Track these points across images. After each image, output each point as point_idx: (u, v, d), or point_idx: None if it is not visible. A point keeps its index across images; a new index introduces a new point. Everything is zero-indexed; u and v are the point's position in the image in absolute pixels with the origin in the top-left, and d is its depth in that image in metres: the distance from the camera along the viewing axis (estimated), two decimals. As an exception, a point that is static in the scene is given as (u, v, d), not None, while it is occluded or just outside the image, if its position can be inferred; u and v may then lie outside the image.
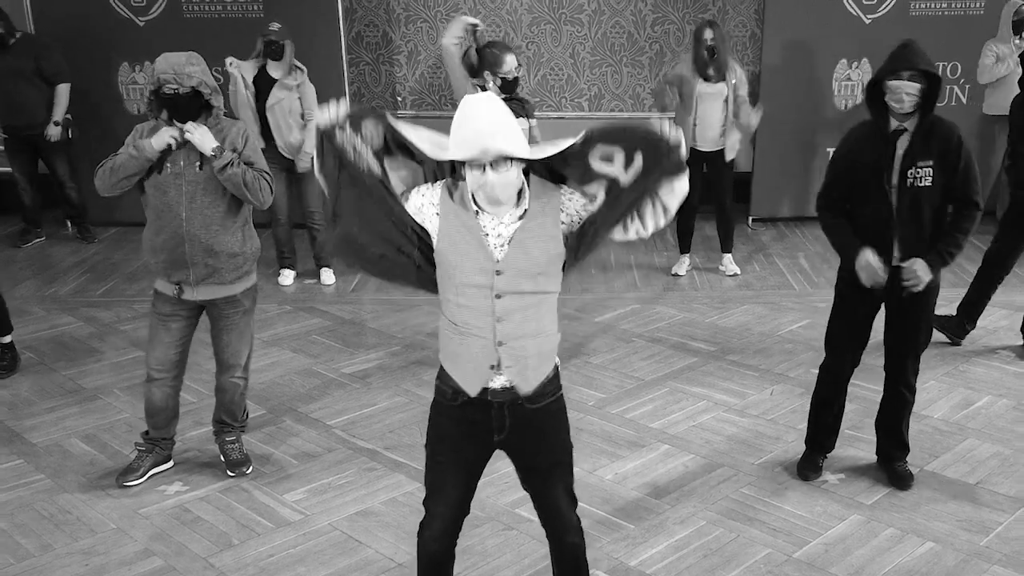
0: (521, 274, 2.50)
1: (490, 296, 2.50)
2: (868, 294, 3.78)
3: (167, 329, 3.92)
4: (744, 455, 4.29)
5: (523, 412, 2.61)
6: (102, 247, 7.46)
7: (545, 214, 2.52)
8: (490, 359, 2.54)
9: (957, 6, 7.67)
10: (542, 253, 2.51)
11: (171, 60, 3.67)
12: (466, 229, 2.50)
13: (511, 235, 2.49)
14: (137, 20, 7.61)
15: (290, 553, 3.57)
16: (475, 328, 2.53)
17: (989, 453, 4.26)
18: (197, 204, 3.74)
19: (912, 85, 3.52)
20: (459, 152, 2.42)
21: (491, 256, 2.49)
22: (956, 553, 3.54)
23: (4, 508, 3.89)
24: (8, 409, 4.78)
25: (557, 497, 2.72)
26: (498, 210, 2.49)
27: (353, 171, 2.53)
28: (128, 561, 3.54)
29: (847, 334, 3.91)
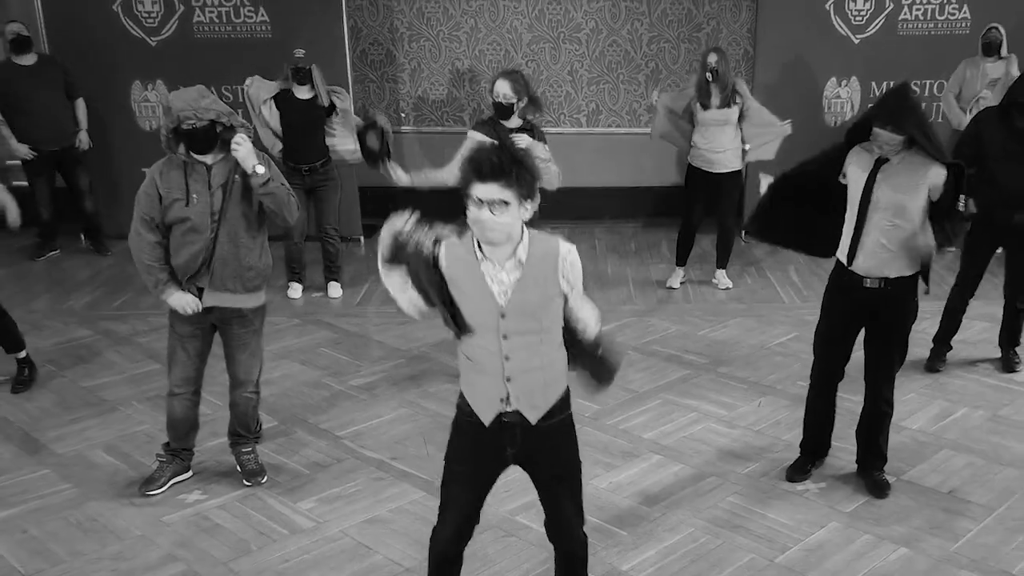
0: (524, 317, 2.75)
1: (497, 337, 2.76)
2: (848, 308, 4.05)
3: (184, 349, 4.17)
4: (732, 465, 4.53)
5: (535, 429, 2.86)
6: (115, 260, 7.70)
7: (544, 264, 2.76)
8: (500, 393, 2.80)
9: (943, 26, 7.92)
10: (542, 298, 2.76)
11: (186, 97, 3.91)
12: (472, 278, 2.74)
13: (513, 282, 2.74)
14: (149, 40, 7.86)
15: (304, 559, 3.82)
16: (487, 365, 2.79)
17: (963, 463, 4.51)
18: (225, 226, 3.97)
19: (895, 137, 3.78)
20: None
21: (496, 302, 2.74)
22: (927, 558, 3.78)
23: (34, 516, 4.13)
24: (32, 421, 5.03)
25: (565, 509, 2.98)
26: (495, 252, 2.73)
27: (414, 262, 2.79)
28: (153, 566, 3.78)
29: (828, 338, 4.18)
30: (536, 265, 2.76)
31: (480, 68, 8.48)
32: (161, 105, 3.86)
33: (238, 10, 7.73)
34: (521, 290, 2.74)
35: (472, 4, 8.34)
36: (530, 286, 2.75)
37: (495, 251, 2.73)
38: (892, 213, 3.89)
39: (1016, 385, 5.37)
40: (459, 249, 2.78)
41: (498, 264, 2.74)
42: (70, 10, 7.75)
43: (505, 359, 2.77)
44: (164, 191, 4.00)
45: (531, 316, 2.76)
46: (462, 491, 2.96)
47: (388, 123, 5.55)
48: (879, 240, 3.94)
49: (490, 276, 2.74)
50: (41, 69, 7.44)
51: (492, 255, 2.74)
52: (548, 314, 2.80)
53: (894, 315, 3.99)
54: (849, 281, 4.04)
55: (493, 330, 2.76)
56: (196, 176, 3.99)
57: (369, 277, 7.29)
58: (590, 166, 8.58)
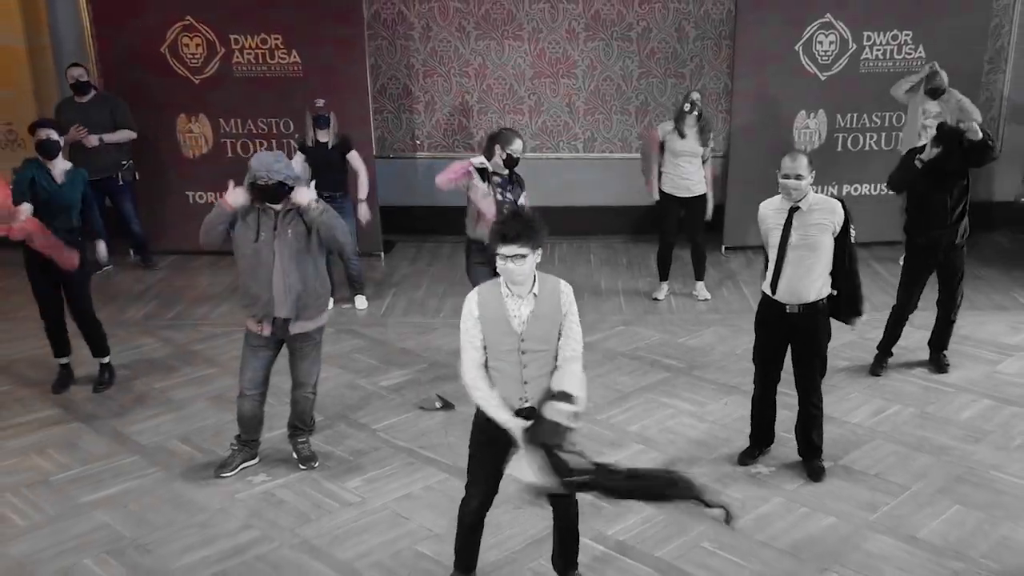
0: (536, 340, 3.74)
1: (517, 353, 3.74)
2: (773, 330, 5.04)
3: (256, 356, 5.14)
4: (700, 452, 5.50)
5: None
6: (163, 274, 8.67)
7: (551, 299, 3.75)
8: (519, 393, 3.77)
9: (900, 64, 8.87)
10: (551, 324, 3.75)
11: (263, 160, 4.84)
12: (497, 315, 3.73)
13: (527, 315, 3.72)
14: (193, 78, 8.82)
15: (353, 526, 4.78)
16: (509, 374, 3.77)
17: (889, 451, 5.47)
18: (289, 262, 4.92)
19: (796, 182, 4.79)
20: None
21: (515, 331, 3.73)
22: (850, 525, 4.75)
23: (132, 494, 5.10)
24: (117, 417, 5.99)
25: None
26: (518, 290, 3.70)
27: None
28: (233, 532, 4.75)
29: (762, 356, 5.18)
30: (546, 299, 3.75)
31: (488, 101, 9.45)
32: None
33: (272, 52, 8.69)
34: (533, 320, 3.73)
35: (480, 44, 9.30)
36: (540, 317, 3.74)
37: (518, 288, 3.72)
38: (806, 249, 4.89)
39: (944, 387, 6.33)
40: (488, 295, 3.77)
41: (519, 298, 3.72)
42: (123, 52, 8.69)
43: (523, 368, 3.75)
44: (239, 223, 4.92)
45: (542, 340, 3.74)
46: (485, 471, 3.94)
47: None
48: (796, 272, 4.92)
49: (509, 310, 3.72)
50: (91, 108, 8.37)
51: (516, 291, 3.72)
52: (555, 336, 3.78)
53: (812, 334, 4.97)
54: (775, 309, 5.02)
55: (515, 350, 3.74)
56: (265, 219, 4.94)
57: (390, 291, 8.27)
58: (586, 187, 9.55)
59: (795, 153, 5.04)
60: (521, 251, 3.61)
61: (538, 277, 3.78)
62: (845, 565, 4.44)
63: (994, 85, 9.50)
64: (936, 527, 4.73)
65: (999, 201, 9.77)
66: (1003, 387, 6.31)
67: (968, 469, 5.27)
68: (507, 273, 3.68)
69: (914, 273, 6.45)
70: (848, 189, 9.10)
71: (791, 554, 4.53)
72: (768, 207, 5.08)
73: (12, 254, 6.47)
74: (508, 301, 3.76)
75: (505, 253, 3.63)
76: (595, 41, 9.32)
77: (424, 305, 7.95)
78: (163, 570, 4.46)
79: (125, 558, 4.55)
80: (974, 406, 6.04)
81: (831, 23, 8.76)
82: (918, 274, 6.45)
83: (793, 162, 4.92)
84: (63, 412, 6.09)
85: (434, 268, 8.84)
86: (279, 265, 4.94)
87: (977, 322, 7.36)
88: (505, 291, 3.76)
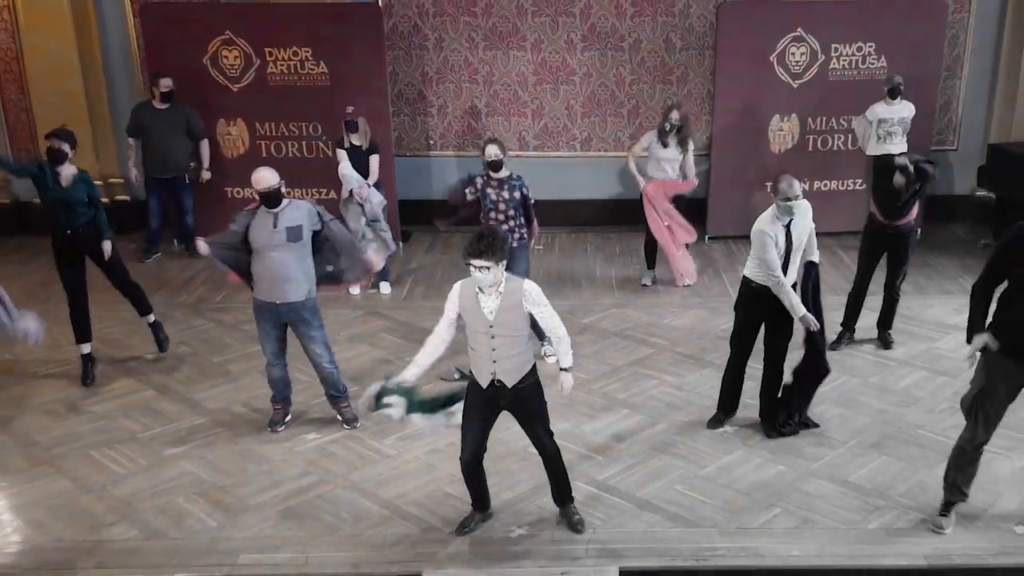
0: (503, 327, 4.80)
1: (488, 337, 4.82)
2: (753, 315, 6.10)
3: (267, 333, 6.18)
4: (676, 415, 6.58)
5: (514, 390, 4.93)
6: (206, 262, 9.65)
7: (514, 296, 4.81)
8: (490, 369, 4.87)
9: (865, 72, 9.88)
10: (515, 317, 4.82)
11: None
12: (472, 306, 4.81)
13: (495, 307, 4.79)
14: (232, 87, 9.84)
15: (393, 472, 5.88)
16: (482, 353, 4.86)
17: (835, 413, 6.55)
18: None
19: (789, 204, 5.81)
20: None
21: (487, 320, 4.80)
22: (795, 472, 5.84)
23: (206, 448, 6.19)
24: (184, 386, 7.08)
25: (539, 434, 5.08)
26: (488, 290, 4.77)
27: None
28: (295, 477, 5.84)
29: (741, 338, 6.24)
30: (510, 296, 4.81)
31: (494, 105, 10.47)
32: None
33: (303, 63, 9.70)
34: (500, 312, 4.80)
35: (488, 54, 10.32)
36: (506, 310, 4.80)
37: (487, 289, 4.78)
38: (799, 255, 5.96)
39: (888, 360, 7.41)
40: (467, 288, 4.85)
41: (489, 296, 4.79)
42: (169, 63, 9.69)
43: (492, 349, 4.84)
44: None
45: (507, 327, 4.81)
46: (474, 427, 5.04)
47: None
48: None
49: (481, 303, 4.79)
50: (169, 114, 9.41)
51: (486, 291, 4.79)
52: (518, 325, 4.85)
53: (785, 319, 6.02)
54: (757, 296, 6.06)
55: (486, 334, 4.82)
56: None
57: (410, 276, 9.34)
58: (583, 183, 10.60)
59: (790, 178, 5.95)
60: (486, 264, 4.67)
61: (506, 278, 4.84)
62: (788, 502, 5.53)
63: (951, 90, 10.52)
64: (865, 473, 5.82)
65: (957, 195, 10.80)
66: (939, 360, 7.38)
67: (898, 428, 6.36)
68: (476, 279, 4.75)
69: (868, 258, 7.52)
70: (819, 185, 10.12)
71: (746, 494, 5.63)
72: (769, 224, 5.97)
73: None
74: (480, 296, 4.81)
75: (474, 264, 4.69)
76: (591, 51, 10.33)
77: (440, 290, 8.95)
78: (242, 506, 5.55)
79: (209, 497, 5.65)
80: (911, 376, 7.13)
81: (802, 36, 9.77)
82: (871, 260, 7.51)
83: (792, 186, 5.87)
84: (136, 382, 7.17)
85: (448, 256, 9.90)
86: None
87: (925, 305, 8.43)
88: (478, 289, 4.80)
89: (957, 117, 10.64)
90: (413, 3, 10.18)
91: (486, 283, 4.74)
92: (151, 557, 5.12)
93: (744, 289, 6.21)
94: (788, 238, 5.93)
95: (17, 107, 10.58)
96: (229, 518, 5.44)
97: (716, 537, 5.23)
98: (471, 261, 4.68)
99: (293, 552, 5.13)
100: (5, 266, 9.66)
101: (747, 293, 6.18)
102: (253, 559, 5.08)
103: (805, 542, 5.19)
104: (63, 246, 7.05)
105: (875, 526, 5.32)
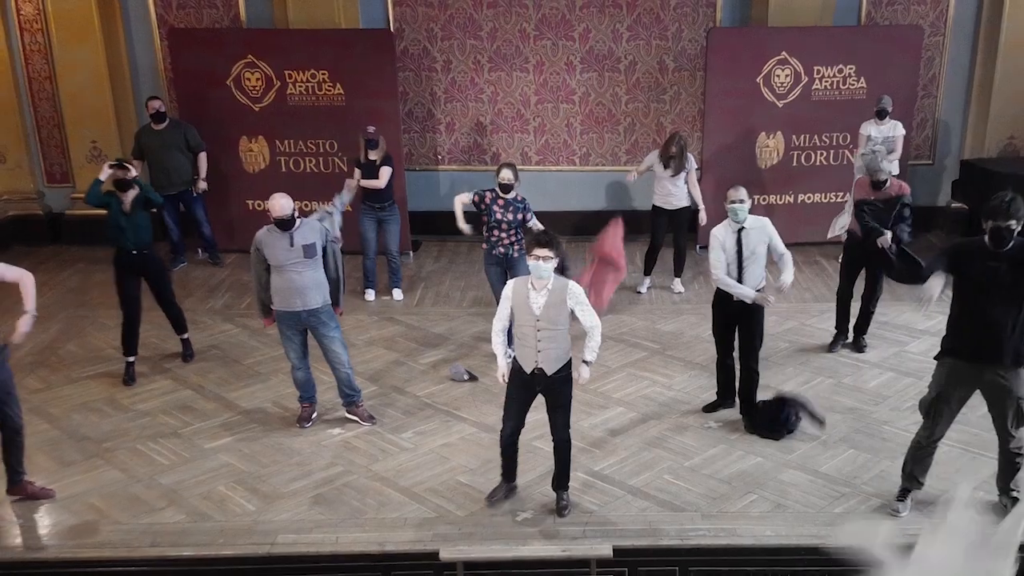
0: (548, 320, 5.50)
1: (534, 329, 5.51)
2: (725, 313, 6.79)
3: (290, 339, 6.84)
4: (666, 412, 7.25)
5: (551, 378, 5.63)
6: (230, 270, 10.41)
7: (559, 294, 5.51)
8: (534, 357, 5.56)
9: (845, 93, 10.55)
10: (558, 312, 5.52)
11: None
12: (523, 300, 5.51)
13: (543, 303, 5.48)
14: (254, 106, 10.52)
15: (411, 464, 6.55)
16: (529, 342, 5.55)
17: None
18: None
19: (733, 206, 6.53)
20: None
21: (534, 313, 5.49)
22: (772, 463, 6.52)
23: (242, 442, 6.86)
24: (218, 387, 7.76)
25: (558, 422, 5.78)
26: (540, 283, 5.47)
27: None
28: (324, 467, 6.52)
29: (719, 335, 6.94)
30: (556, 293, 5.51)
31: (499, 123, 11.15)
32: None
33: (320, 84, 10.38)
34: (547, 308, 5.49)
35: (492, 75, 11.00)
36: (551, 306, 5.50)
37: (540, 282, 5.47)
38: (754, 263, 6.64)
39: (860, 363, 8.08)
40: (519, 286, 5.54)
41: (538, 292, 5.48)
42: (196, 87, 10.38)
43: (537, 340, 5.54)
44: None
45: (552, 321, 5.51)
46: (514, 407, 5.77)
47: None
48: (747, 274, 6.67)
49: (531, 299, 5.49)
50: (168, 133, 10.07)
51: (538, 285, 5.48)
52: (562, 319, 5.54)
53: (752, 318, 6.72)
54: (723, 296, 6.76)
55: (532, 327, 5.51)
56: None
57: (420, 283, 10.02)
58: (582, 195, 11.28)
59: (738, 186, 6.75)
60: (549, 254, 5.40)
61: (553, 278, 5.53)
62: (764, 489, 6.21)
63: (928, 108, 11.20)
64: (834, 464, 6.50)
65: (934, 206, 11.47)
66: (907, 363, 8.05)
67: (866, 424, 7.04)
68: (536, 268, 5.45)
69: (850, 269, 8.20)
70: (803, 197, 10.80)
71: (726, 482, 6.30)
72: (723, 230, 6.72)
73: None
74: (531, 293, 5.51)
75: (539, 254, 5.41)
76: (589, 72, 11.01)
77: (449, 297, 9.71)
78: (277, 493, 6.23)
79: (247, 485, 6.33)
80: (881, 378, 7.80)
81: (787, 59, 10.44)
82: (853, 271, 8.19)
83: (736, 191, 6.63)
84: (174, 383, 7.86)
85: (455, 265, 10.57)
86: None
87: (898, 311, 9.09)
88: (530, 285, 5.51)
89: (934, 133, 11.31)
90: (423, 28, 10.86)
91: (544, 274, 5.44)
92: (199, 537, 5.80)
93: (716, 290, 6.93)
94: (739, 244, 6.62)
95: (50, 124, 11.30)
96: (266, 503, 6.13)
97: (699, 520, 5.91)
98: (536, 251, 5.41)
99: (324, 533, 5.81)
100: (39, 275, 10.25)
101: (717, 293, 6.93)
102: (290, 539, 5.76)
103: (777, 524, 5.87)
104: (126, 265, 7.72)
105: (840, 510, 5.99)
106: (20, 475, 6.15)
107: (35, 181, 11.49)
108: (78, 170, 11.22)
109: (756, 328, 6.83)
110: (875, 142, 9.91)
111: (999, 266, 5.33)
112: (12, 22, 10.91)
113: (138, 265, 7.72)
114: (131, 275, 7.75)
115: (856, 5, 10.78)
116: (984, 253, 5.37)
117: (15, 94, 11.08)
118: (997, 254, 5.34)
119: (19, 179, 11.41)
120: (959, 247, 5.60)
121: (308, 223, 6.78)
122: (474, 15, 10.81)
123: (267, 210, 6.65)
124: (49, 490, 6.23)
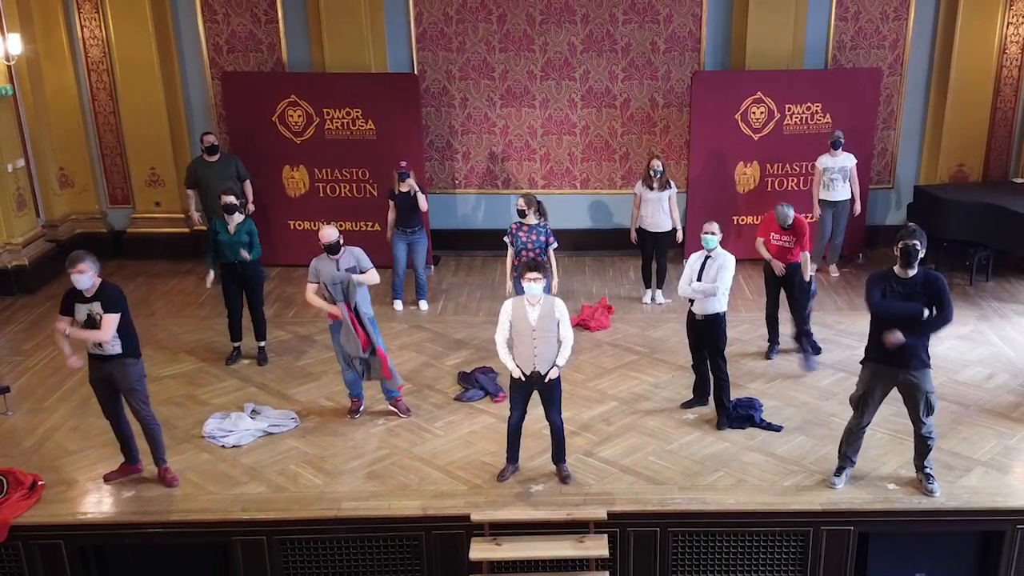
0: (542, 329, 7.00)
1: (531, 338, 7.02)
2: (690, 326, 8.30)
3: (337, 343, 8.35)
4: (653, 406, 8.74)
5: (543, 376, 7.11)
6: (275, 283, 11.90)
7: (550, 308, 7.02)
8: (531, 360, 7.07)
9: (813, 127, 12.04)
10: (549, 323, 7.02)
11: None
12: (522, 315, 7.01)
13: (537, 316, 6.99)
14: (295, 139, 12.02)
15: (444, 448, 8.04)
16: (526, 348, 7.05)
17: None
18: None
19: (705, 236, 8.04)
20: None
21: (531, 324, 7.00)
22: (737, 447, 8.01)
23: (304, 431, 8.35)
24: (278, 384, 9.26)
25: (553, 413, 7.30)
26: (533, 301, 6.97)
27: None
28: (373, 450, 8.02)
29: (690, 344, 8.45)
30: (546, 307, 7.02)
31: (509, 152, 12.66)
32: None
33: (355, 120, 11.88)
34: (541, 319, 7.01)
35: (504, 111, 12.50)
36: (544, 318, 7.01)
37: (534, 300, 6.98)
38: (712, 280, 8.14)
39: (818, 365, 9.59)
40: (516, 304, 7.04)
41: (533, 307, 6.98)
42: (245, 123, 11.89)
43: (534, 347, 7.03)
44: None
45: (546, 329, 7.02)
46: (518, 400, 7.26)
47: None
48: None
49: (528, 313, 6.99)
50: (219, 165, 11.46)
51: (532, 302, 6.99)
52: (554, 328, 7.05)
53: (713, 333, 8.22)
54: (691, 316, 8.26)
55: (529, 336, 7.02)
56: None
57: (442, 295, 11.52)
58: (582, 215, 12.79)
59: (712, 221, 8.23)
60: (539, 276, 6.91)
61: (543, 296, 7.04)
62: (729, 468, 7.71)
63: (887, 139, 12.70)
64: (787, 448, 8.00)
65: (892, 225, 12.91)
66: (856, 365, 9.39)
67: (816, 416, 8.53)
68: (529, 289, 6.96)
69: (769, 293, 9.67)
70: (776, 218, 12.28)
71: (699, 462, 7.80)
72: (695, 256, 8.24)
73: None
74: (528, 308, 7.02)
75: (531, 277, 6.92)
76: (589, 108, 12.51)
77: (467, 307, 11.21)
78: (338, 471, 7.74)
79: (313, 464, 7.84)
80: (832, 377, 9.29)
81: (762, 98, 11.93)
82: (773, 293, 9.62)
83: (708, 224, 8.13)
84: (241, 382, 9.36)
85: (471, 278, 12.07)
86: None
87: (854, 319, 10.54)
88: (526, 303, 7.01)
89: (892, 161, 12.80)
90: (442, 69, 12.36)
91: (535, 292, 6.92)
92: (279, 503, 7.31)
93: (687, 309, 8.43)
94: (703, 268, 8.11)
95: (113, 152, 12.80)
96: (330, 479, 7.63)
97: (676, 491, 7.41)
98: (529, 275, 6.91)
99: (379, 501, 7.31)
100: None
101: (687, 312, 8.40)
102: (352, 505, 7.26)
103: (739, 494, 7.36)
104: (229, 275, 9.33)
105: (789, 484, 7.50)
106: (161, 461, 7.60)
107: (100, 202, 13.01)
108: (138, 193, 12.75)
109: (717, 337, 8.27)
110: (831, 172, 11.41)
111: (904, 291, 6.82)
112: (81, 63, 12.40)
113: (235, 275, 9.37)
114: (231, 283, 9.43)
115: (823, 50, 12.25)
116: (893, 280, 6.87)
117: (83, 126, 12.59)
118: (904, 280, 6.84)
119: (85, 201, 12.94)
120: (875, 277, 7.05)
121: (349, 250, 8.26)
122: (488, 58, 12.30)
123: (318, 239, 8.16)
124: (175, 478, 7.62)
